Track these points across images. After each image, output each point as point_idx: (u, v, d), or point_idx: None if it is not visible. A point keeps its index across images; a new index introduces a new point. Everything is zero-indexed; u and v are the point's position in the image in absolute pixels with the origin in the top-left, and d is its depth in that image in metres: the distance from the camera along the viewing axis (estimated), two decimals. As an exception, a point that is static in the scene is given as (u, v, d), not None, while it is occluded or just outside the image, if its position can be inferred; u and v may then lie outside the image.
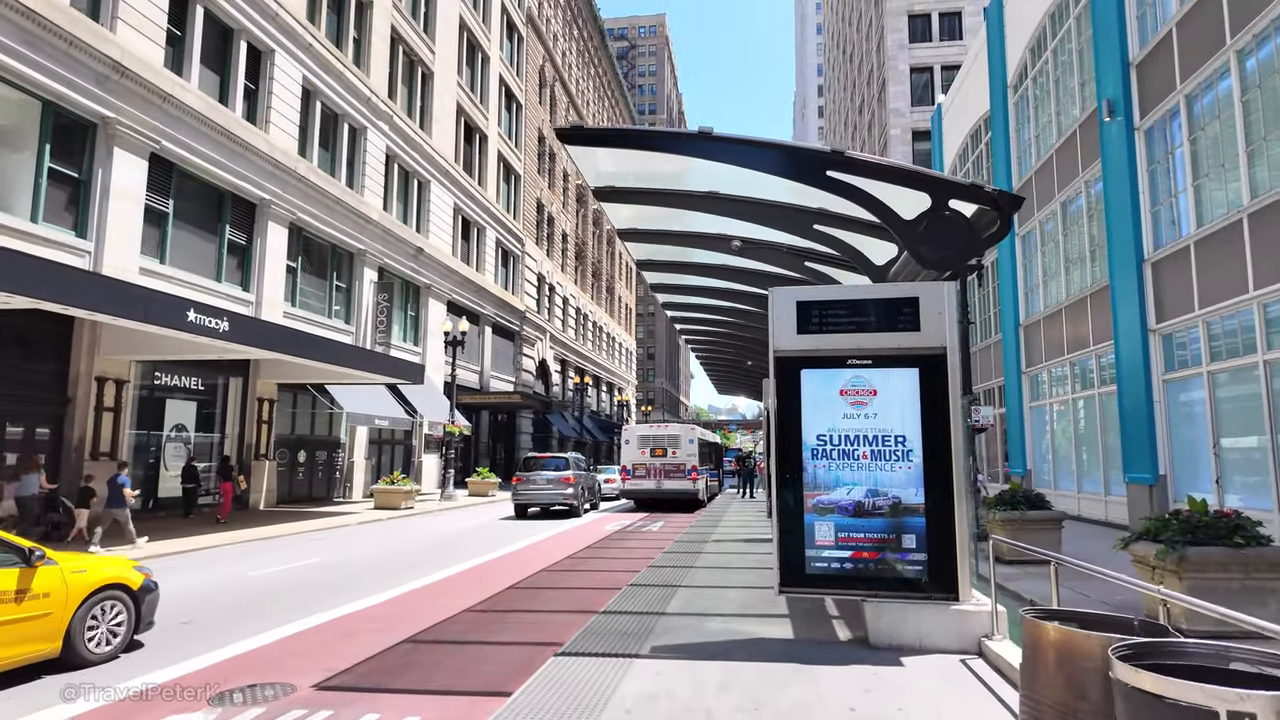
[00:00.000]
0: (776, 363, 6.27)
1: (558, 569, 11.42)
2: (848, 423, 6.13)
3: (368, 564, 12.16)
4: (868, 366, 6.13)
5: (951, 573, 5.82)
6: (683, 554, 12.13)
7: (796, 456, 6.19)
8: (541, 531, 17.13)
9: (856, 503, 6.02)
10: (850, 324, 6.16)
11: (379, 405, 25.01)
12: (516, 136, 42.19)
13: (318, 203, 24.49)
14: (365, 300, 27.27)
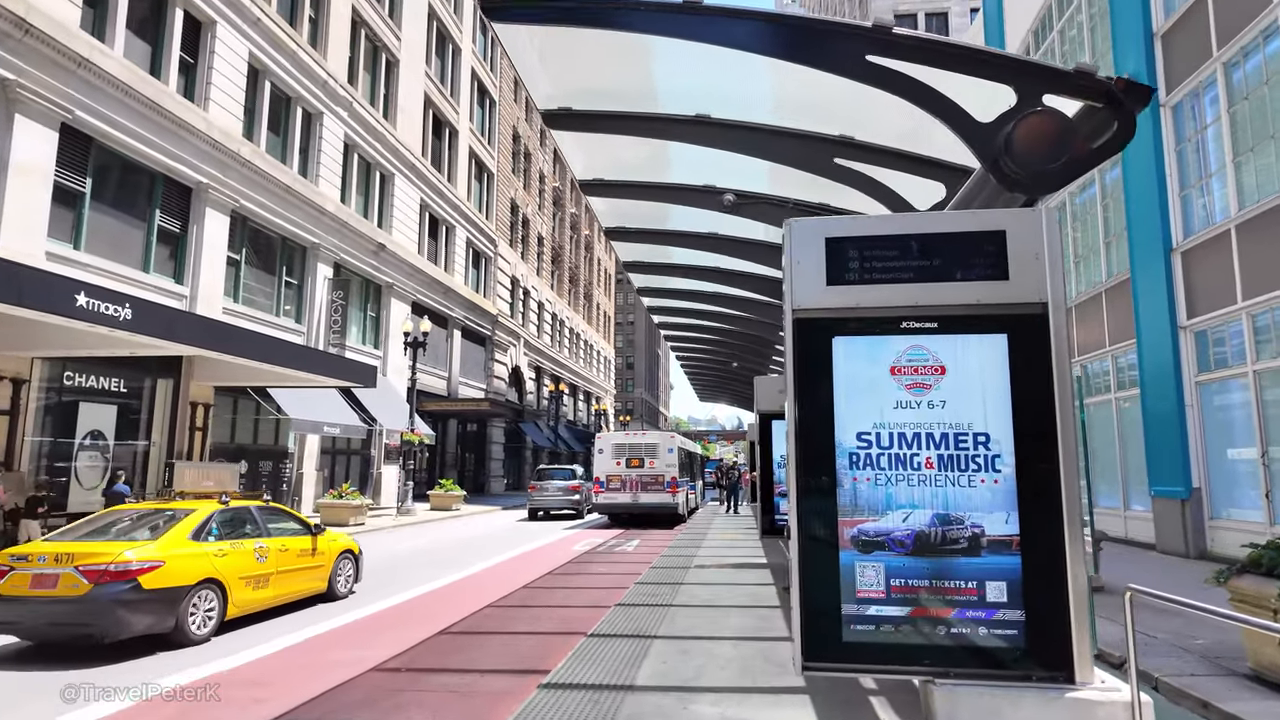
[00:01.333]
0: (797, 329, 4.27)
1: (505, 605, 9.33)
2: (904, 415, 4.14)
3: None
4: (932, 331, 4.15)
5: (1062, 641, 3.83)
6: (660, 584, 10.10)
7: (826, 466, 4.19)
8: (495, 553, 14.98)
9: (917, 534, 4.02)
10: (906, 269, 4.18)
11: (330, 411, 22.72)
12: (489, 133, 40.16)
13: (265, 190, 22.26)
14: (319, 298, 25.01)
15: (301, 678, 6.13)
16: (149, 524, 8.20)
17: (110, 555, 7.22)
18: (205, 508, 8.62)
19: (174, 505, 8.81)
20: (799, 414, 4.19)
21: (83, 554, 7.25)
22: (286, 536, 9.41)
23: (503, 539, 18.25)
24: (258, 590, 8.64)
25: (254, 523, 9.13)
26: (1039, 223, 4.08)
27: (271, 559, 8.91)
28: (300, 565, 9.38)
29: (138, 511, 8.84)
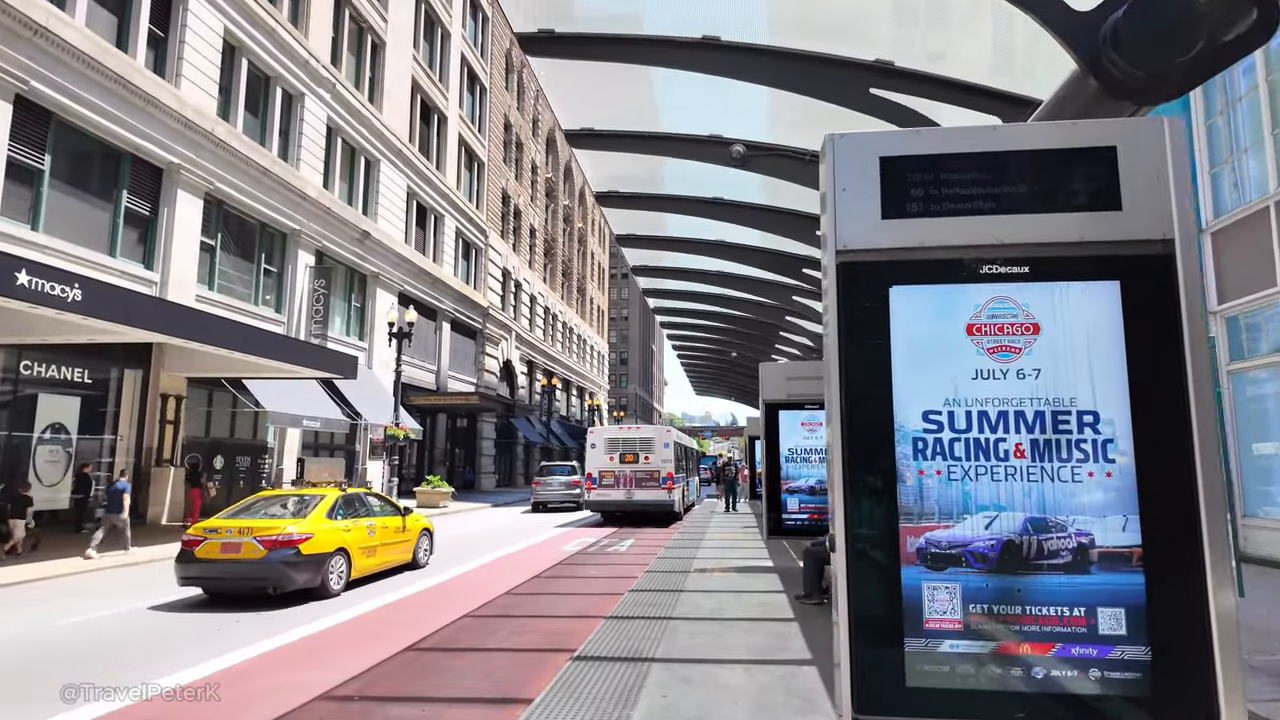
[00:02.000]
0: (842, 276, 3.27)
1: (484, 615, 8.35)
2: (985, 388, 3.15)
3: (217, 609, 8.96)
4: (1021, 278, 3.16)
5: (1201, 689, 2.86)
6: (657, 592, 9.12)
7: (882, 456, 3.20)
8: (478, 554, 13.97)
9: (1005, 544, 3.03)
10: (987, 198, 3.19)
11: (310, 404, 21.66)
12: (480, 121, 39.04)
13: (241, 173, 21.17)
14: (300, 287, 23.93)
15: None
16: (293, 506, 10.39)
17: (279, 529, 9.50)
18: (331, 494, 10.71)
19: (307, 491, 11.04)
20: (845, 389, 3.20)
21: (258, 528, 9.48)
22: (385, 516, 11.64)
23: (488, 539, 17.25)
24: (369, 559, 10.90)
25: (364, 505, 11.39)
26: (1161, 136, 3.09)
27: (377, 535, 11.18)
28: (395, 540, 11.71)
29: (278, 496, 11.08)
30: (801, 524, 10.01)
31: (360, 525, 10.74)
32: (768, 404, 10.16)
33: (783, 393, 10.14)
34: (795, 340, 14.23)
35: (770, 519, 10.03)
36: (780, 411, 10.14)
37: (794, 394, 10.08)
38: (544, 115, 50.09)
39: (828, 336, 3.29)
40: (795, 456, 10.04)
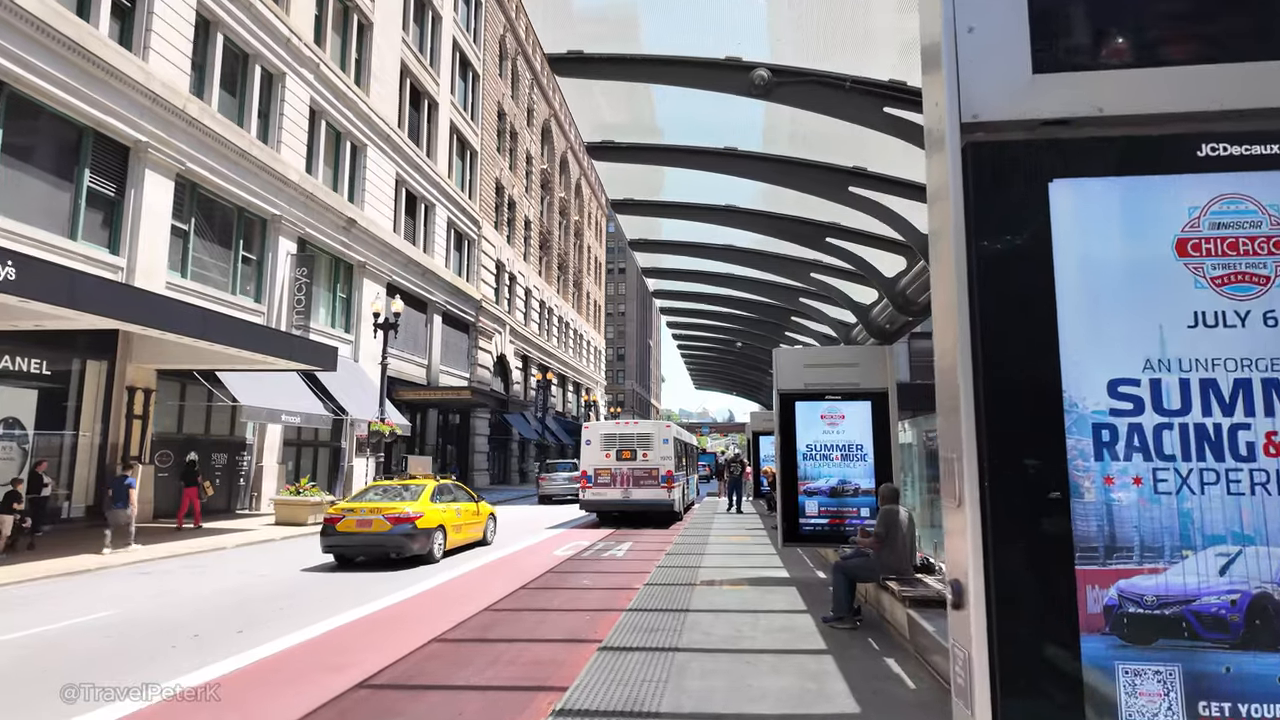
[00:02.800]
0: (972, 161, 2.06)
1: (455, 639, 7.15)
2: (1213, 342, 1.95)
3: (167, 623, 7.74)
4: (1267, 164, 1.96)
5: None
6: (659, 612, 7.84)
7: (1039, 453, 1.97)
8: (460, 562, 12.75)
9: (1253, 600, 1.84)
10: (1201, 38, 1.99)
11: (290, 398, 20.42)
12: (473, 109, 37.77)
13: (217, 154, 19.91)
14: (281, 276, 22.68)
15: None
16: (402, 493, 13.17)
17: (400, 509, 12.22)
18: (430, 483, 13.75)
19: (410, 481, 14.38)
20: (976, 350, 1.98)
21: (383, 508, 12.26)
22: (465, 502, 14.57)
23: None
24: (457, 534, 13.59)
25: (451, 493, 14.33)
26: None
27: (462, 516, 14.00)
28: (473, 521, 14.58)
29: (388, 486, 14.06)
30: (820, 530, 8.83)
31: (451, 508, 13.63)
32: (783, 394, 8.98)
33: (799, 381, 8.95)
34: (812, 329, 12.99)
35: (785, 525, 8.85)
36: (797, 403, 8.96)
37: (813, 383, 8.90)
38: (539, 106, 48.82)
39: (941, 271, 2.08)
40: (814, 453, 8.86)
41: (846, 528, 8.74)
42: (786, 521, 8.84)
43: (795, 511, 8.85)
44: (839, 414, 8.87)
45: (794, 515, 8.85)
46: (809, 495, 8.81)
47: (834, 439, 8.83)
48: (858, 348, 9.40)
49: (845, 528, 8.74)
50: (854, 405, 8.88)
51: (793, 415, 8.94)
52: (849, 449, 8.81)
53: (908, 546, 6.63)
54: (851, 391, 8.88)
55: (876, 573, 6.83)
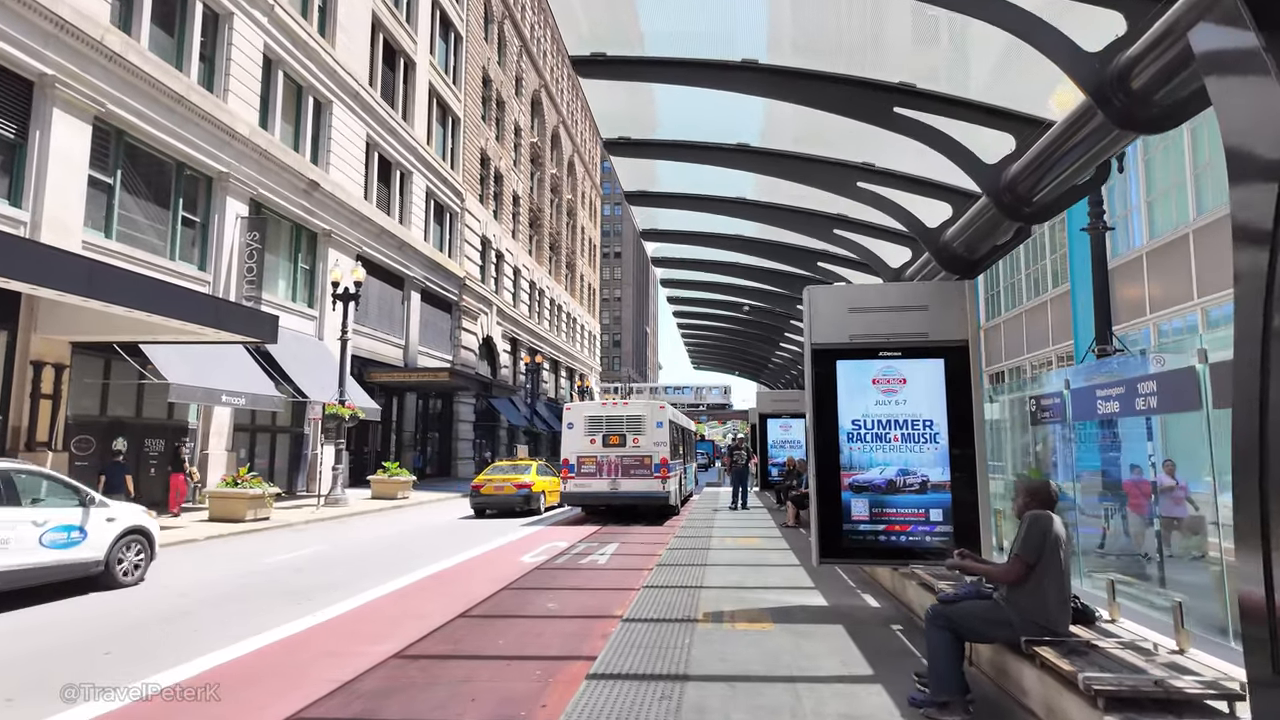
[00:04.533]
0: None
1: (353, 694, 4.57)
2: None
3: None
4: None
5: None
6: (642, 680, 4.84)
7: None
8: (404, 569, 10.13)
9: None
10: None
11: (232, 377, 17.74)
12: (455, 73, 34.88)
13: (147, 97, 17.14)
14: (229, 241, 19.95)
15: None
16: (520, 468, 20.05)
17: (521, 479, 18.72)
18: (535, 463, 21.13)
19: (520, 461, 22.99)
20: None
21: (510, 479, 18.81)
22: (553, 477, 19.91)
23: (432, 542, 13.43)
24: (548, 499, 19.49)
25: (547, 470, 20.46)
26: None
27: (552, 485, 19.58)
28: (555, 489, 19.21)
29: (508, 465, 21.15)
30: (872, 541, 6.20)
31: (547, 479, 19.55)
32: (818, 350, 6.34)
33: (843, 332, 6.31)
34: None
35: (822, 533, 6.22)
36: (839, 362, 6.30)
37: (862, 333, 6.28)
38: (528, 75, 45.88)
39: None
40: (863, 433, 6.22)
41: (910, 538, 6.11)
42: (824, 529, 6.21)
43: (836, 515, 6.23)
44: (898, 377, 6.24)
45: (834, 519, 6.23)
46: (856, 492, 6.18)
47: (892, 412, 6.20)
48: (926, 284, 6.76)
49: (908, 538, 6.12)
50: (920, 365, 6.25)
51: (832, 380, 6.31)
52: (913, 426, 6.17)
53: (1067, 582, 3.97)
54: (917, 345, 6.24)
55: (1013, 627, 4.01)
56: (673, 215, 11.19)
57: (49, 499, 8.60)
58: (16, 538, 7.86)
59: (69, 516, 8.51)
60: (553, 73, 52.67)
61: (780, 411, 19.80)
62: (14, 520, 7.91)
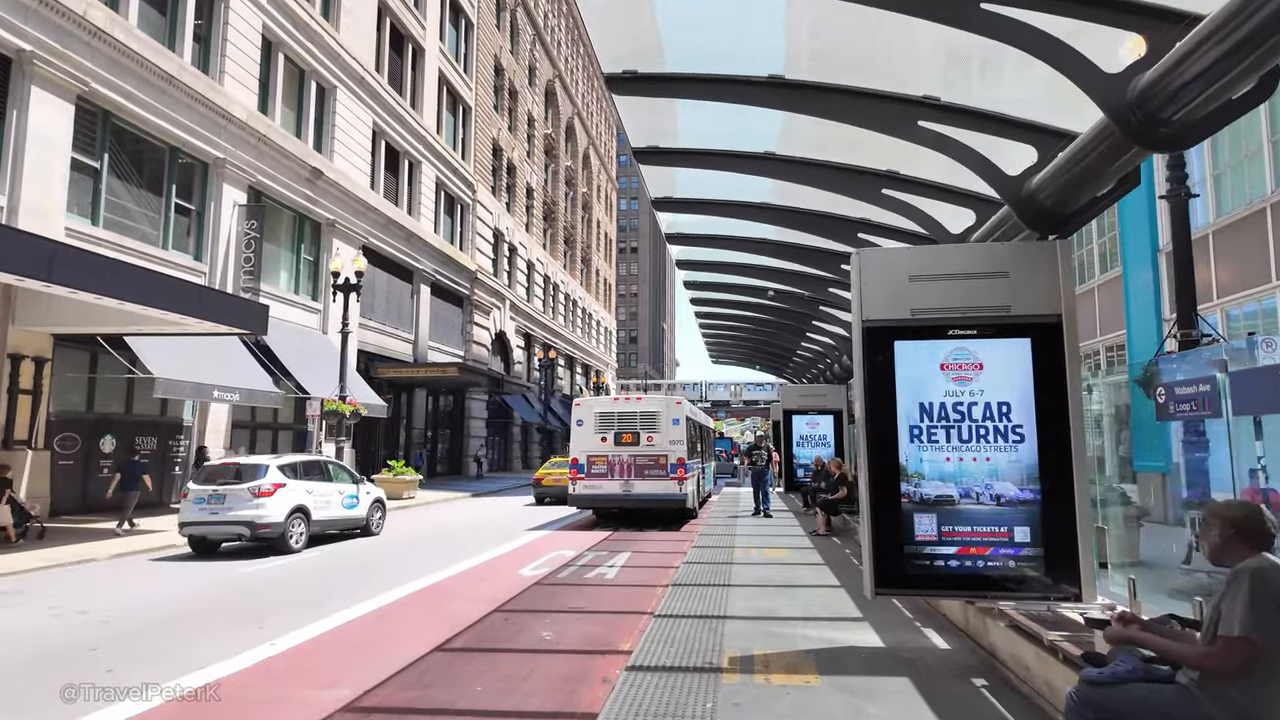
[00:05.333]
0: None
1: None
2: None
3: None
4: None
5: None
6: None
7: None
8: (389, 583, 9.00)
9: None
10: None
11: (226, 372, 16.74)
12: (466, 61, 33.79)
13: (135, 77, 16.17)
14: (226, 230, 18.96)
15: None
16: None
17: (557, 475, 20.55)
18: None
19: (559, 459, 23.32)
20: None
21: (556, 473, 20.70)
22: None
23: (428, 548, 12.28)
24: None
25: None
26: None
27: None
28: None
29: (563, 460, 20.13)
30: (945, 568, 4.93)
31: None
32: (873, 328, 5.07)
33: (902, 305, 5.05)
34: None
35: (878, 557, 4.94)
36: (898, 343, 5.04)
37: (927, 307, 5.02)
38: (541, 65, 44.72)
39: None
40: (931, 431, 4.96)
41: (989, 563, 4.82)
42: (880, 551, 4.94)
43: (895, 533, 4.96)
44: (973, 361, 4.95)
45: (893, 539, 4.96)
46: (921, 505, 4.90)
47: (966, 405, 4.92)
48: (1008, 245, 5.45)
49: (986, 563, 4.83)
50: (1001, 346, 4.96)
51: (889, 366, 5.04)
52: (993, 422, 4.88)
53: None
54: (997, 321, 4.95)
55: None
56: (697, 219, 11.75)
57: (342, 478, 14.13)
58: (331, 501, 13.39)
59: (351, 490, 14.11)
60: (567, 63, 51.48)
61: (807, 407, 18.36)
62: (330, 490, 13.47)
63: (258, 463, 12.52)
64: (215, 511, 11.77)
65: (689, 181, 9.83)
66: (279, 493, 11.99)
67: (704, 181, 9.54)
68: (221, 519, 11.81)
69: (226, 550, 12.17)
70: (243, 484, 11.84)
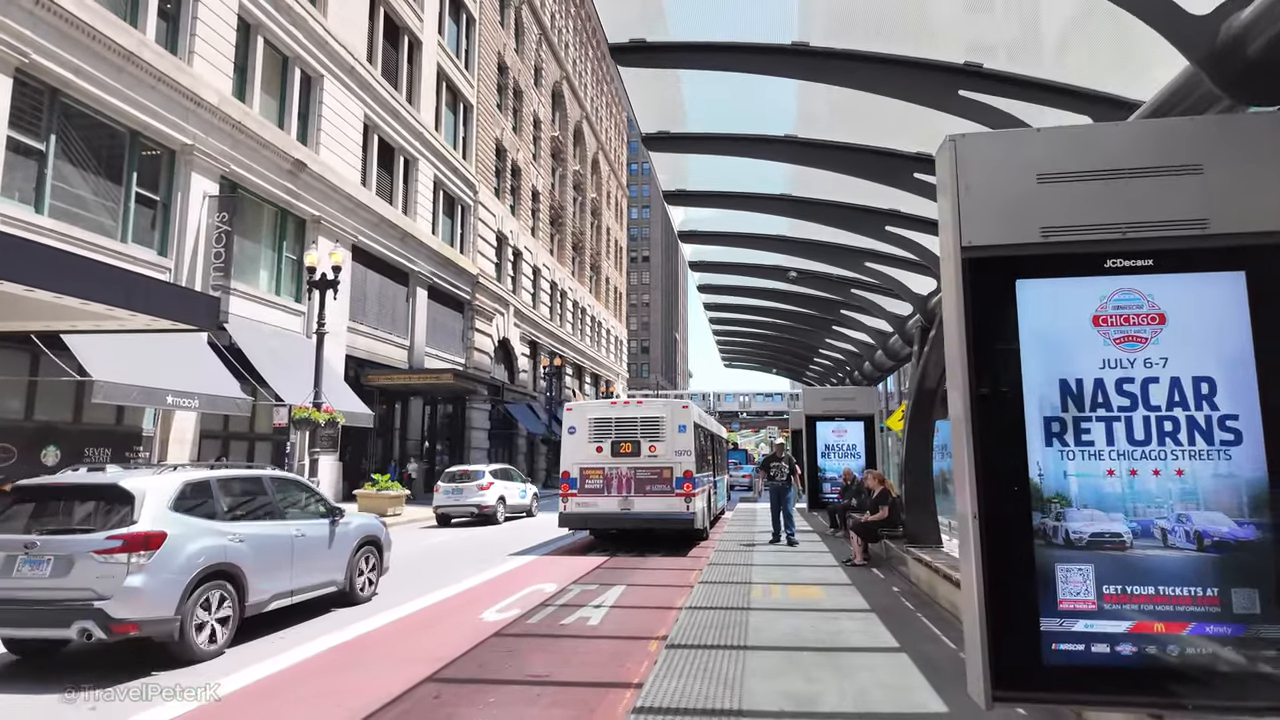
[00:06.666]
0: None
1: None
2: None
3: None
4: None
5: None
6: None
7: None
8: (285, 644, 7.04)
9: None
10: None
11: (183, 374, 14.98)
12: (467, 57, 32.24)
13: (87, 52, 14.56)
14: (194, 222, 17.28)
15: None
16: None
17: None
18: None
19: None
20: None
21: None
22: None
23: (389, 578, 10.33)
24: None
25: None
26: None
27: None
28: None
29: None
30: (1112, 657, 2.87)
31: None
32: (979, 258, 3.07)
33: (1027, 221, 3.07)
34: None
35: (998, 638, 2.91)
36: (1023, 282, 3.03)
37: (1070, 225, 2.97)
38: (548, 65, 43.19)
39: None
40: (1080, 424, 2.91)
41: (1187, 650, 2.80)
42: (999, 627, 2.91)
43: (1022, 596, 2.94)
44: (1148, 311, 2.96)
45: (1017, 607, 2.93)
46: (1067, 553, 2.90)
47: (1138, 381, 2.93)
48: (1201, 121, 3.45)
49: (1180, 649, 2.81)
50: (1194, 285, 2.97)
51: (1007, 316, 3.04)
52: (1184, 408, 2.89)
53: None
54: (1188, 244, 2.96)
55: None
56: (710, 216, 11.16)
57: (517, 479, 21.36)
58: (514, 494, 20.29)
59: (522, 486, 21.31)
60: (575, 66, 49.99)
61: (833, 412, 16.13)
62: (514, 487, 20.55)
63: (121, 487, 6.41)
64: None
65: (702, 173, 9.24)
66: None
67: (718, 172, 8.94)
68: None
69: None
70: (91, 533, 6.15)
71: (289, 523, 7.69)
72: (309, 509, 8.25)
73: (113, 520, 6.11)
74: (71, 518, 6.39)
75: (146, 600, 5.83)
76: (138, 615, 5.77)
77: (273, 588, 7.09)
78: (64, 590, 5.75)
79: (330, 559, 8.10)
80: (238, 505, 7.30)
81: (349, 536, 8.47)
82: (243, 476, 7.92)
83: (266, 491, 7.78)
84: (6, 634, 6.14)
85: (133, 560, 5.86)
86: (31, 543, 5.90)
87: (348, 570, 8.35)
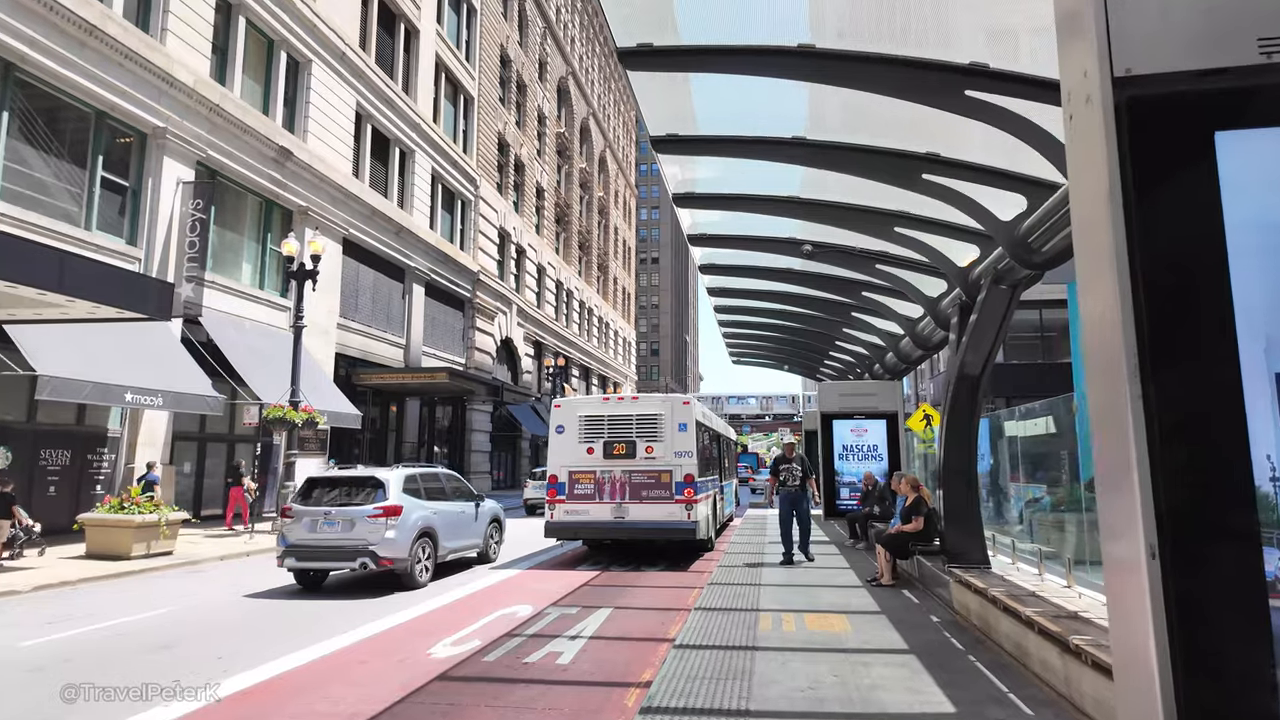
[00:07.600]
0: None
1: None
2: None
3: None
4: None
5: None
6: None
7: None
8: (197, 686, 5.77)
9: None
10: None
11: (146, 370, 13.80)
12: (468, 48, 31.11)
13: (43, 23, 13.47)
14: (166, 210, 16.14)
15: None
16: None
17: None
18: None
19: None
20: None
21: None
22: None
23: (343, 602, 9.01)
24: None
25: None
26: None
27: None
28: None
29: None
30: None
31: None
32: (1142, 97, 1.63)
33: (1241, 30, 1.58)
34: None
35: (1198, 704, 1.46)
36: (1221, 135, 1.58)
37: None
38: (553, 60, 42.03)
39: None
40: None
41: None
42: (1195, 690, 1.50)
43: (1245, 645, 1.53)
44: None
45: (1237, 660, 1.52)
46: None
47: None
48: None
49: None
50: None
51: (1201, 208, 1.66)
52: None
53: None
54: None
55: None
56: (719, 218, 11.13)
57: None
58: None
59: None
60: (581, 61, 48.81)
61: (852, 410, 14.55)
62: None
63: None
64: None
65: (711, 175, 9.23)
66: None
67: (727, 174, 8.96)
68: None
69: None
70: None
71: (456, 503, 11.45)
72: (464, 495, 11.94)
73: (374, 498, 9.72)
74: (350, 496, 9.89)
75: (395, 546, 9.44)
76: (392, 555, 9.36)
77: (450, 545, 10.93)
78: (350, 540, 9.45)
79: (477, 529, 11.90)
80: (429, 490, 10.86)
81: (485, 515, 12.24)
82: (429, 473, 11.58)
83: (441, 482, 11.54)
84: (316, 566, 9.64)
85: (388, 522, 9.50)
86: (328, 512, 9.61)
87: (484, 538, 12.14)
